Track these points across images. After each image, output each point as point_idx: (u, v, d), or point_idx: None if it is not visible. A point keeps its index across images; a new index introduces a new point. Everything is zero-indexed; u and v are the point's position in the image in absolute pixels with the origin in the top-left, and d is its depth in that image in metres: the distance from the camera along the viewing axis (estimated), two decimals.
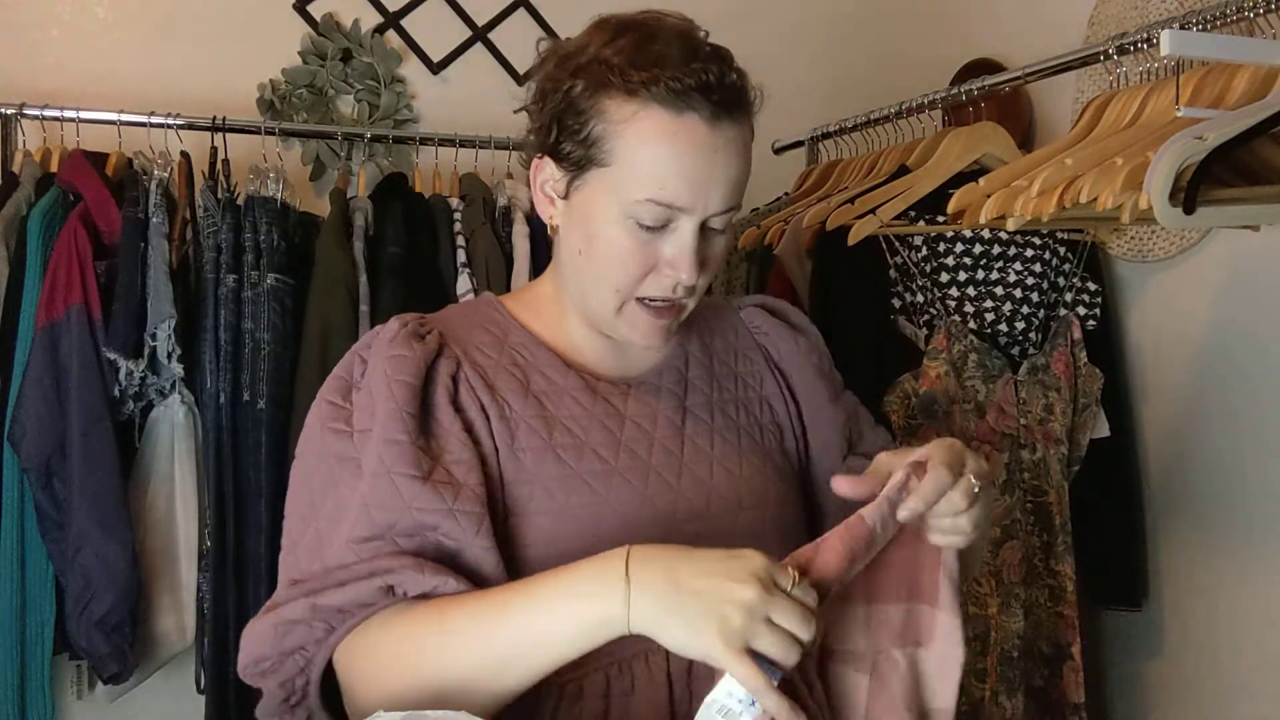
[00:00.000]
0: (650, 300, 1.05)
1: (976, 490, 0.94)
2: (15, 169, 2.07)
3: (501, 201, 2.23)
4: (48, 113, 2.09)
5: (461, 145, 2.25)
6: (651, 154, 0.98)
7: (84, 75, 2.28)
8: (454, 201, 2.22)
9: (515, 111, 1.11)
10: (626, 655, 0.99)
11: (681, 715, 1.00)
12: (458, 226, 2.17)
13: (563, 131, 1.03)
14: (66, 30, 2.32)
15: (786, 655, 0.82)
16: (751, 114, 1.05)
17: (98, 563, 1.89)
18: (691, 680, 1.01)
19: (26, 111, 2.09)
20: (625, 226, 1.01)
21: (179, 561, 2.03)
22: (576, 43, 1.04)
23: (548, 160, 1.06)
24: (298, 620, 1.01)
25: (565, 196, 1.05)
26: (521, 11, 2.54)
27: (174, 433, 2.03)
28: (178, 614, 2.04)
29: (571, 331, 1.13)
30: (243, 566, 2.02)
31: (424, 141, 2.27)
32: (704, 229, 1.02)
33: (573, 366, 1.11)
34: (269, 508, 2.00)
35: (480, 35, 2.51)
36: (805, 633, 0.83)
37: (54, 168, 2.06)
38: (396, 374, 1.02)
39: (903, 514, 0.93)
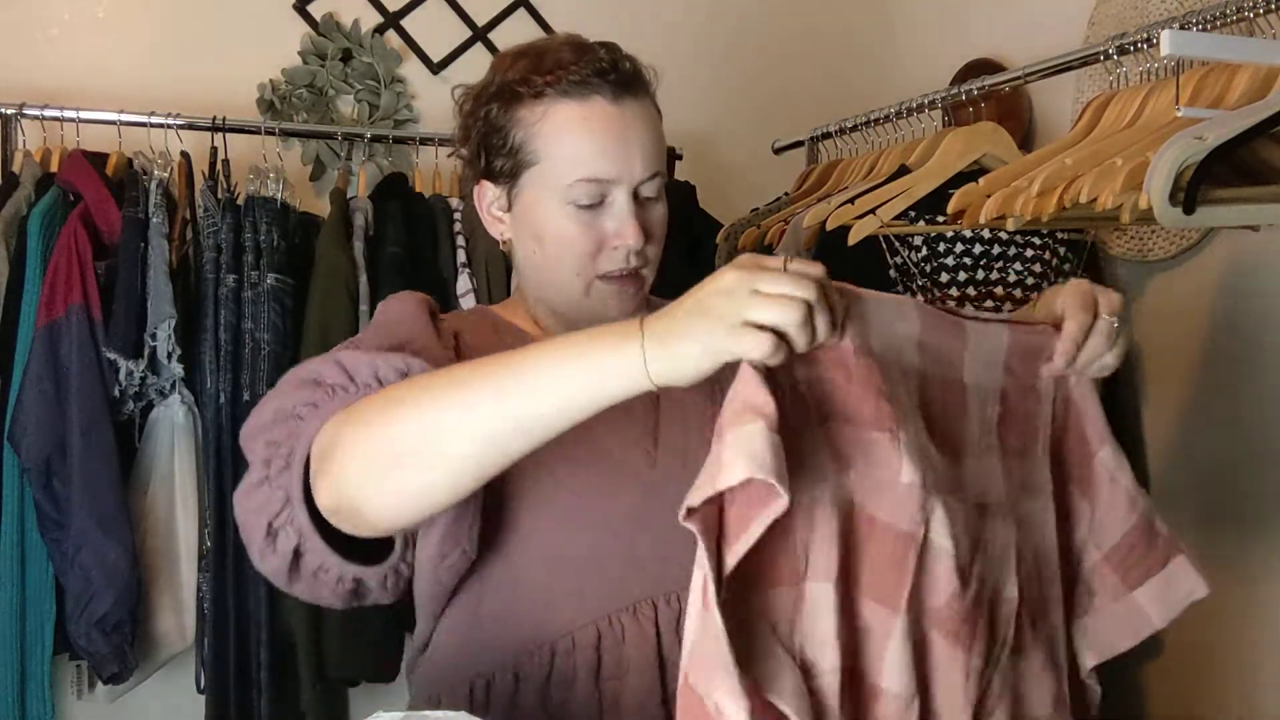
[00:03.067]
0: (609, 275, 1.10)
1: (1116, 326, 1.01)
2: (15, 169, 2.07)
3: None
4: (48, 113, 2.09)
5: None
6: (571, 140, 1.07)
7: (84, 75, 2.28)
8: (454, 201, 2.22)
9: (449, 156, 1.17)
10: (617, 608, 1.05)
11: (670, 664, 1.03)
12: (458, 226, 2.17)
13: (490, 152, 1.12)
14: (66, 30, 2.32)
15: (784, 314, 0.77)
16: (651, 93, 1.13)
17: (98, 563, 1.89)
18: (680, 630, 1.02)
19: (26, 111, 2.09)
20: (566, 213, 1.08)
21: (179, 561, 2.03)
22: (483, 80, 1.15)
23: (485, 184, 1.15)
24: (311, 379, 0.99)
25: (509, 209, 1.14)
26: (521, 11, 2.54)
27: (174, 433, 2.03)
28: (178, 614, 2.04)
29: (552, 329, 1.16)
30: (243, 566, 2.02)
31: (424, 141, 2.27)
32: (638, 199, 1.09)
33: None
34: None
35: (480, 35, 2.51)
36: (801, 290, 0.78)
37: (54, 168, 2.06)
38: (406, 309, 1.11)
39: (1058, 362, 0.98)
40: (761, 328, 0.78)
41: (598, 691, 1.04)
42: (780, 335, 0.78)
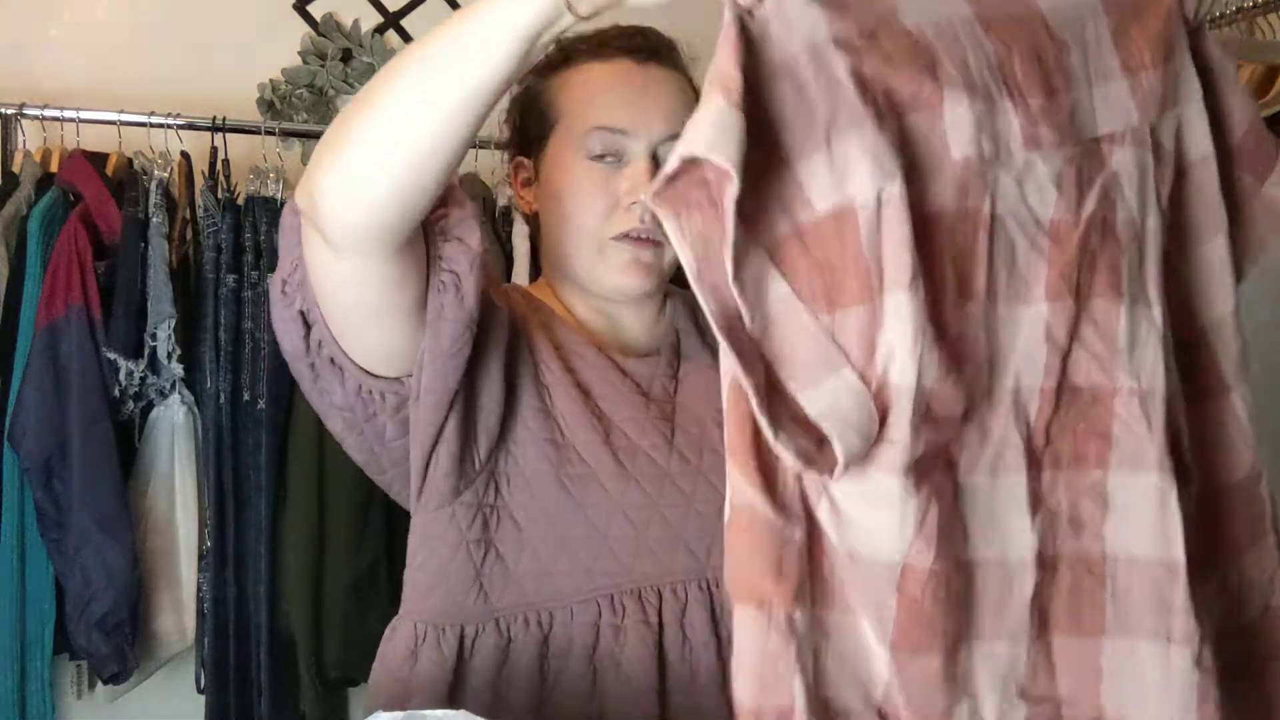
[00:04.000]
0: (623, 235, 1.08)
1: None
2: (15, 169, 2.07)
3: (502, 202, 2.23)
4: (48, 113, 2.09)
5: (493, 146, 2.25)
6: (591, 92, 1.08)
7: (84, 75, 2.28)
8: None
9: (495, 146, 1.20)
10: (620, 589, 1.02)
11: (671, 657, 1.02)
12: None
13: (525, 119, 1.14)
14: (66, 30, 2.32)
15: None
16: (683, 68, 1.12)
17: (98, 563, 1.89)
18: (684, 623, 1.03)
19: (26, 111, 2.09)
20: (583, 167, 1.07)
21: (179, 561, 2.04)
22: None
23: (520, 161, 1.17)
24: None
25: (537, 176, 1.14)
26: None
27: (174, 433, 2.03)
28: (178, 614, 2.04)
29: (575, 307, 1.16)
30: (243, 566, 2.02)
31: None
32: (657, 162, 1.06)
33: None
34: (269, 508, 2.00)
35: None
36: None
37: (54, 168, 2.06)
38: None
39: None
40: None
41: (592, 669, 1.02)
42: None
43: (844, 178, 0.71)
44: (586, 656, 1.02)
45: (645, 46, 1.10)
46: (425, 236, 0.95)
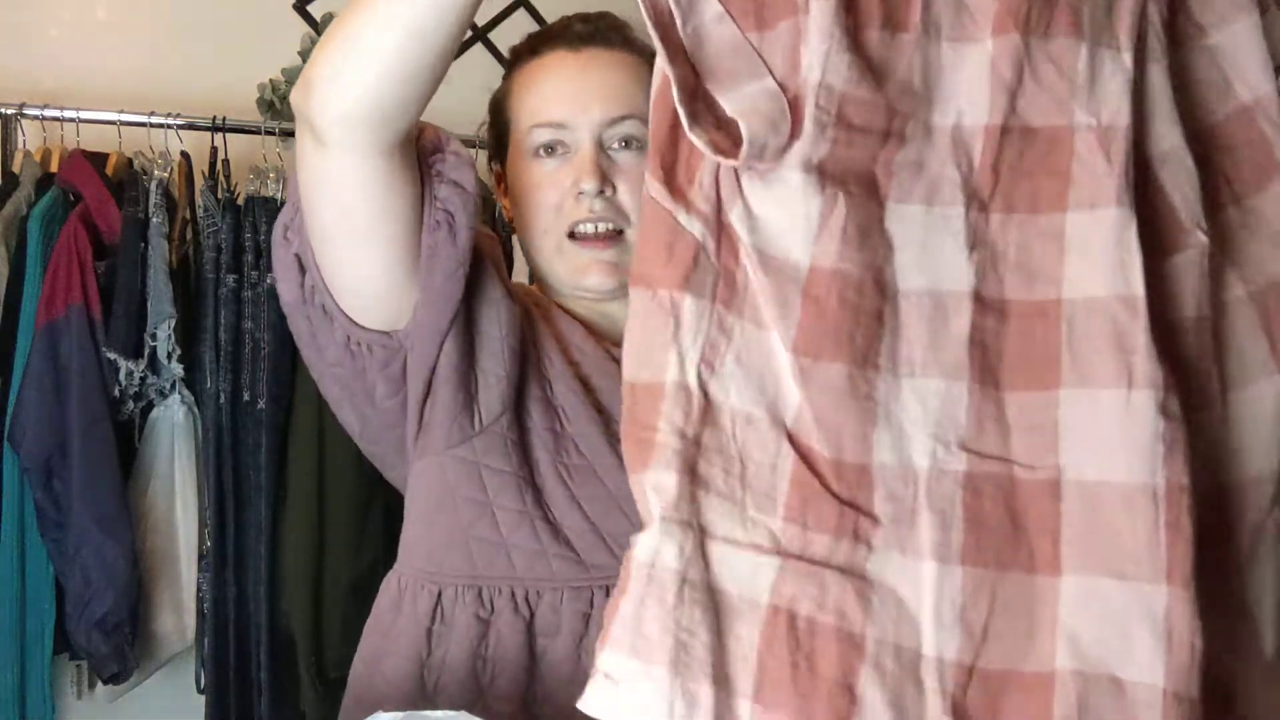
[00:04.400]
0: (577, 230, 1.07)
1: None
2: (15, 169, 2.07)
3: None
4: (48, 113, 2.09)
5: (478, 145, 2.25)
6: (529, 90, 1.10)
7: (84, 75, 2.28)
8: None
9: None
10: (575, 582, 1.01)
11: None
12: None
13: (494, 126, 1.16)
14: (66, 30, 2.32)
15: None
16: (632, 45, 1.11)
17: (98, 563, 1.89)
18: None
19: (26, 111, 2.09)
20: (530, 165, 1.09)
21: (179, 561, 2.04)
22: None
23: (498, 167, 1.18)
24: None
25: (509, 184, 1.15)
26: (521, 12, 2.55)
27: (174, 433, 2.03)
28: (178, 614, 2.04)
29: (567, 303, 1.15)
30: (243, 566, 2.02)
31: None
32: (603, 147, 1.07)
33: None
34: (269, 508, 2.00)
35: (480, 35, 2.51)
36: None
37: (54, 168, 2.06)
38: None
39: None
40: None
41: (578, 655, 1.00)
42: None
43: None
44: (574, 642, 1.01)
45: (581, 33, 1.09)
46: (422, 176, 0.97)
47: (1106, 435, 0.70)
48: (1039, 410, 0.71)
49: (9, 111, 2.10)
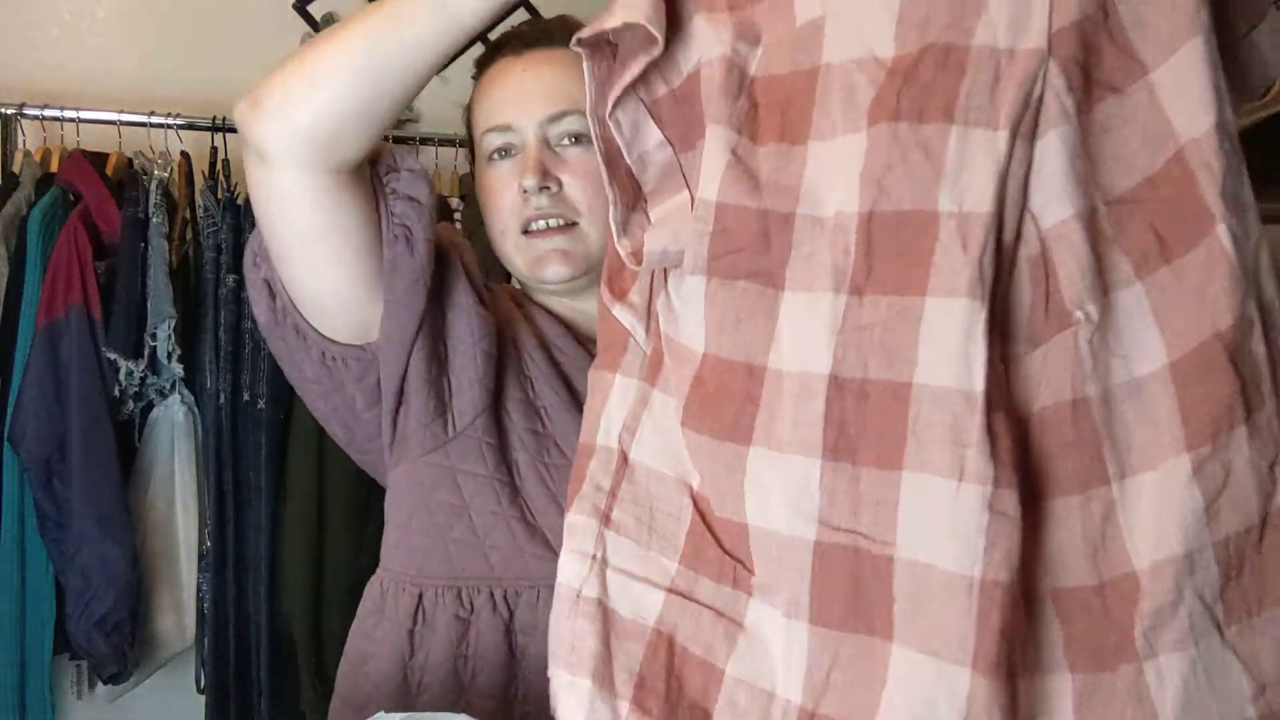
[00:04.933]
0: (530, 226, 1.10)
1: None
2: (15, 169, 2.07)
3: None
4: (48, 113, 2.09)
5: (461, 145, 2.24)
6: (481, 99, 1.14)
7: (84, 75, 2.29)
8: (454, 201, 2.22)
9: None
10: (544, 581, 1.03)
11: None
12: (458, 226, 2.16)
13: (467, 140, 1.19)
14: (66, 30, 2.32)
15: None
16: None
17: (98, 563, 1.89)
18: None
19: (26, 111, 2.09)
20: (487, 169, 1.13)
21: (179, 561, 2.04)
22: None
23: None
24: None
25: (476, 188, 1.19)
26: (521, 12, 2.54)
27: (174, 433, 2.03)
28: (178, 614, 2.04)
29: (545, 302, 1.18)
30: (243, 566, 2.02)
31: (424, 141, 2.27)
32: (549, 144, 1.10)
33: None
34: (269, 508, 2.00)
35: (480, 35, 2.51)
36: None
37: (54, 168, 2.06)
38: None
39: None
40: None
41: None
42: None
43: (698, 44, 0.84)
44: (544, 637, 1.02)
45: (523, 37, 1.13)
46: (377, 195, 1.01)
47: (937, 522, 0.72)
48: (885, 488, 0.75)
49: (9, 111, 2.10)
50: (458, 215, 2.18)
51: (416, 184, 1.02)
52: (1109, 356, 0.75)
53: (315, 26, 2.43)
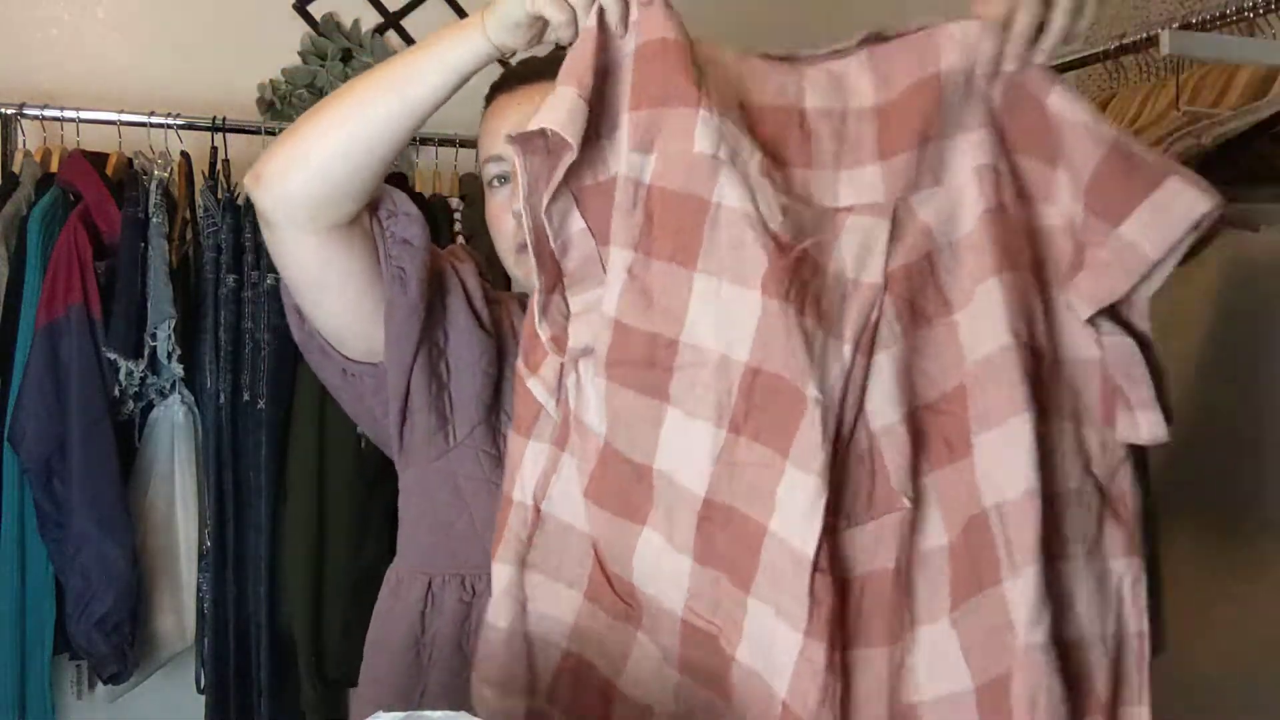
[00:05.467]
0: (524, 245, 1.19)
1: None
2: (15, 169, 2.07)
3: None
4: (48, 113, 2.09)
5: (461, 145, 2.25)
6: (484, 132, 1.23)
7: (84, 75, 2.28)
8: (454, 201, 2.22)
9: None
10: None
11: None
12: (458, 226, 2.17)
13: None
14: (66, 30, 2.32)
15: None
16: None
17: (98, 563, 1.89)
18: None
19: (26, 111, 2.09)
20: (490, 194, 1.23)
21: (179, 561, 2.04)
22: None
23: None
24: None
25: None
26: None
27: (174, 433, 2.03)
28: (178, 614, 2.04)
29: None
30: (243, 566, 2.02)
31: (424, 141, 2.26)
32: None
33: None
34: (269, 508, 2.00)
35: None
36: None
37: (54, 168, 2.06)
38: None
39: (1012, 58, 0.95)
40: None
41: None
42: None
43: (617, 153, 0.96)
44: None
45: (518, 74, 1.22)
46: (376, 240, 1.13)
47: (770, 648, 0.91)
48: (735, 605, 0.92)
49: (9, 111, 2.10)
50: (458, 215, 2.18)
51: (411, 227, 1.14)
52: (914, 535, 0.94)
53: (315, 26, 2.44)
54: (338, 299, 1.14)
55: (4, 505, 1.95)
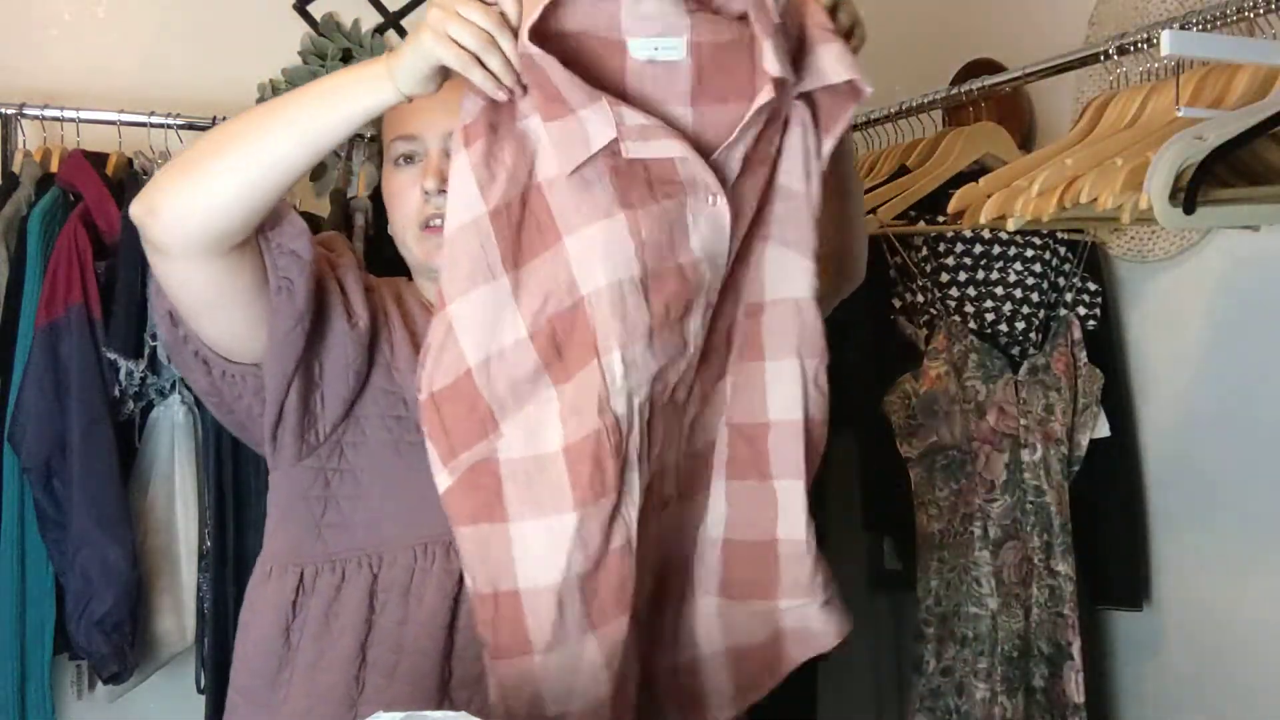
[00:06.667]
0: (429, 223, 1.26)
1: None
2: (15, 169, 2.07)
3: None
4: (48, 113, 2.09)
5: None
6: (393, 109, 1.21)
7: (84, 75, 2.28)
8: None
9: None
10: (433, 539, 1.23)
11: (464, 604, 1.22)
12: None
13: (379, 140, 1.42)
14: (66, 30, 2.32)
15: (471, 39, 1.02)
16: None
17: (98, 563, 1.89)
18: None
19: (26, 111, 2.09)
20: (393, 171, 1.28)
21: (179, 561, 2.04)
22: None
23: None
24: None
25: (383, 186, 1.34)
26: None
27: (174, 433, 2.03)
28: (178, 614, 2.04)
29: (427, 291, 1.33)
30: (243, 566, 2.01)
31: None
32: (448, 155, 1.20)
33: None
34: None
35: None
36: (481, 19, 1.02)
37: (54, 168, 2.06)
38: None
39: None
40: (458, 44, 1.02)
41: (405, 603, 1.23)
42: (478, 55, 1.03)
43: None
44: (402, 593, 1.23)
45: None
46: (261, 252, 1.16)
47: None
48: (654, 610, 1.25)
49: (9, 111, 2.09)
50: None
51: (298, 238, 1.17)
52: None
53: (315, 26, 2.44)
54: (224, 314, 1.18)
55: (4, 505, 1.94)
